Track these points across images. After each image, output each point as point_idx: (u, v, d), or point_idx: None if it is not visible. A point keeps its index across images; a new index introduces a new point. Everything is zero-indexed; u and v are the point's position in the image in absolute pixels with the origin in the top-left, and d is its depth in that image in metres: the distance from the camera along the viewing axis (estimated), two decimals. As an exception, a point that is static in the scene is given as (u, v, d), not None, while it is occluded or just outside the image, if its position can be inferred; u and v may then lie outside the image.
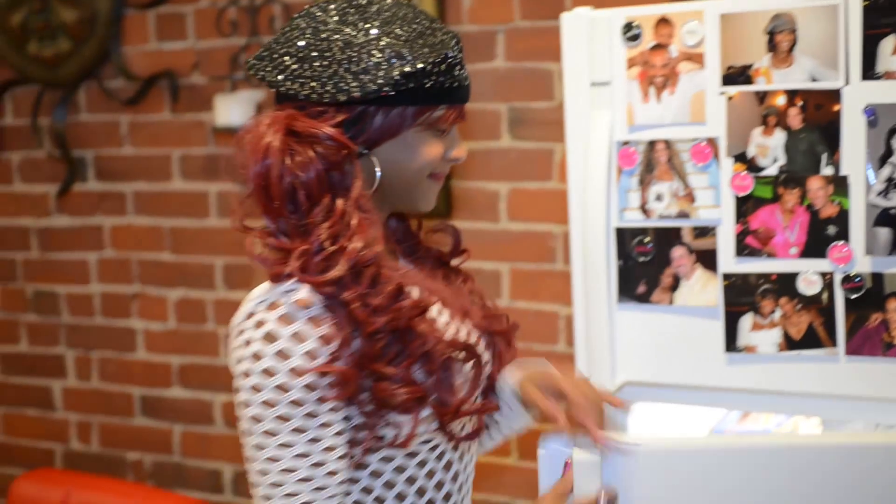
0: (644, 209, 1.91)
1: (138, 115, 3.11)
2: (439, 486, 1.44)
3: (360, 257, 1.33)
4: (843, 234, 1.76)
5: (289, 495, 1.29)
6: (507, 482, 2.76)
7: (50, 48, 3.15)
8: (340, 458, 1.31)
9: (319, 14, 1.39)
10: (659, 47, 1.86)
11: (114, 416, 3.24)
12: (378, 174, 1.41)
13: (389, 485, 1.39)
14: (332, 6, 1.40)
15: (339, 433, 1.31)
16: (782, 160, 1.79)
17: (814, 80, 1.75)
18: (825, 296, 1.78)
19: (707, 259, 1.86)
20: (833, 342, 1.79)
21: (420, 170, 1.44)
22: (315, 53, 1.36)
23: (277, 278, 1.32)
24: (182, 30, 3.03)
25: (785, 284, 1.81)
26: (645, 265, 1.91)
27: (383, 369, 1.32)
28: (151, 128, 3.10)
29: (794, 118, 1.78)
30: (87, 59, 3.12)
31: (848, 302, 1.77)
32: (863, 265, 1.76)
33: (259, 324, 1.30)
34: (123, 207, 3.16)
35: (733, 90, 1.81)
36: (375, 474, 1.38)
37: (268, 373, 1.27)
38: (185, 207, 3.07)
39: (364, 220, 1.36)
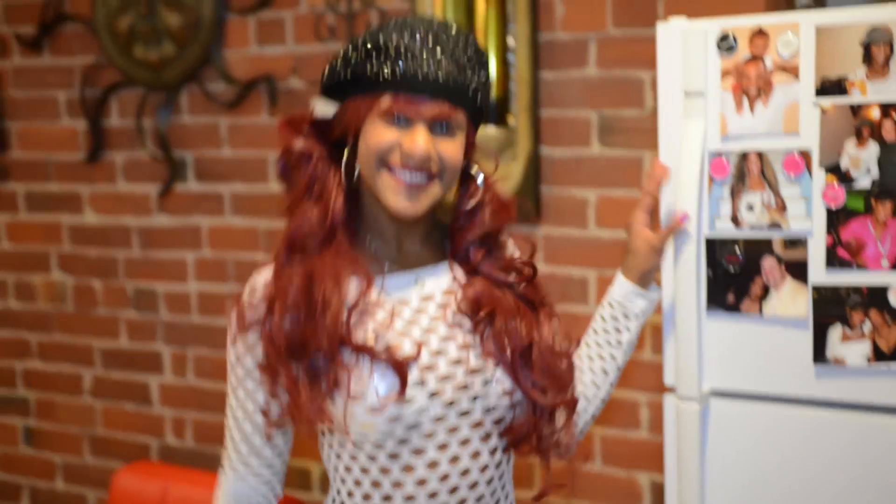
0: (735, 219, 1.91)
1: (237, 118, 3.19)
2: (421, 483, 1.51)
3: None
4: (938, 248, 1.75)
5: None
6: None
7: (155, 52, 3.25)
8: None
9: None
10: (754, 58, 1.87)
11: (207, 412, 3.32)
12: (357, 168, 1.53)
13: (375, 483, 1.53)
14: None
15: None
16: (875, 173, 1.79)
17: (910, 92, 1.74)
18: (918, 309, 1.77)
19: (797, 270, 1.86)
20: (925, 356, 1.78)
21: (371, 157, 1.49)
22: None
23: None
24: (281, 35, 3.10)
25: (875, 297, 1.80)
26: (735, 275, 1.92)
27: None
28: (250, 130, 3.18)
29: (889, 131, 1.77)
30: (189, 63, 3.21)
31: (941, 316, 1.76)
32: (957, 279, 1.74)
33: None
34: (221, 208, 3.24)
35: (827, 102, 1.81)
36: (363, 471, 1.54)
37: None
38: (280, 209, 3.14)
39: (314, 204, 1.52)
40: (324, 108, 1.57)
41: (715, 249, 1.93)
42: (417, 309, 1.55)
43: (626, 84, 2.64)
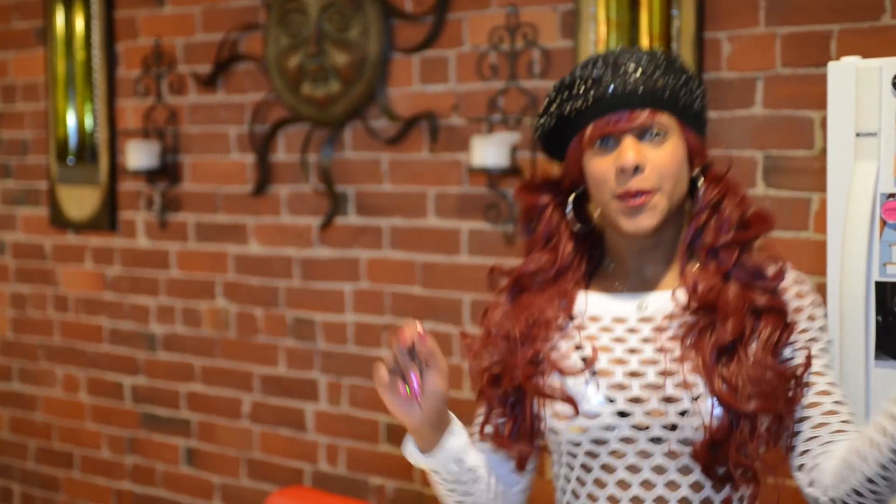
0: (907, 264, 1.85)
1: (398, 154, 3.26)
2: (613, 500, 1.55)
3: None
4: None
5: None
6: None
7: (321, 89, 3.34)
8: None
9: None
10: (930, 98, 1.81)
11: (360, 441, 3.37)
12: (593, 209, 1.63)
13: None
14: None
15: None
16: None
17: None
18: None
19: (975, 318, 1.79)
20: None
21: (598, 191, 1.57)
22: None
23: None
24: (444, 73, 3.16)
25: None
26: (906, 322, 1.85)
27: None
28: (410, 166, 3.24)
29: None
30: (354, 100, 3.29)
31: None
32: None
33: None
34: (380, 241, 3.30)
35: None
36: None
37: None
38: (437, 244, 3.19)
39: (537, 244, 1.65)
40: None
41: (885, 295, 1.87)
42: (631, 328, 1.59)
43: (794, 124, 2.58)
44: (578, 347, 1.59)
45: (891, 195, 1.87)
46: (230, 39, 3.57)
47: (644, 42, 2.77)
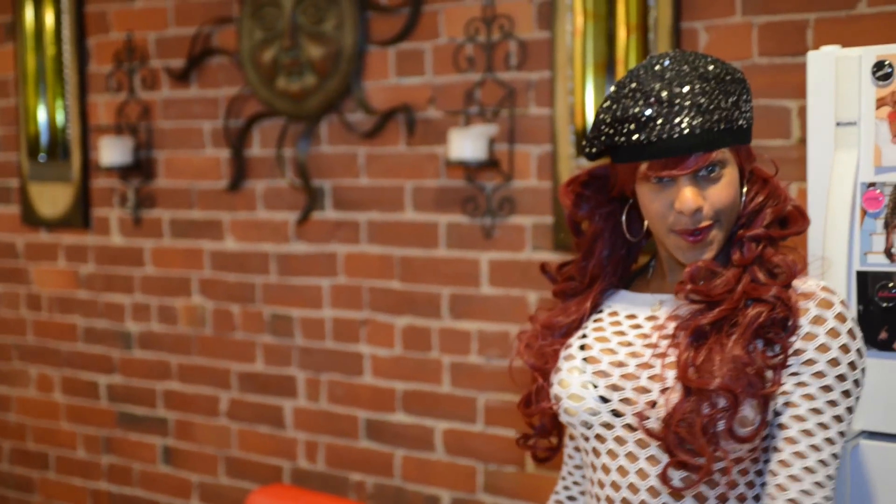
0: (889, 253, 1.84)
1: (375, 148, 3.23)
2: (600, 485, 1.60)
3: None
4: None
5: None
6: None
7: (297, 83, 3.32)
8: None
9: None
10: (911, 86, 1.81)
11: (340, 437, 3.35)
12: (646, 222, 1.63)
13: None
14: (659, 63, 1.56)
15: None
16: None
17: None
18: None
19: (957, 307, 1.79)
20: None
21: (653, 222, 1.58)
22: None
23: None
24: (420, 65, 3.14)
25: None
26: (888, 311, 1.85)
27: None
28: (387, 160, 3.21)
29: None
30: (330, 94, 3.27)
31: None
32: None
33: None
34: (357, 236, 3.28)
35: None
36: None
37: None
38: (415, 237, 3.17)
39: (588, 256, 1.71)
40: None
41: (867, 284, 1.87)
42: (636, 324, 1.63)
43: (771, 113, 2.58)
44: (584, 336, 1.65)
45: (871, 184, 1.87)
46: (203, 33, 3.54)
47: (621, 33, 2.76)
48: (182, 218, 3.66)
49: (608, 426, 1.58)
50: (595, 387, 1.58)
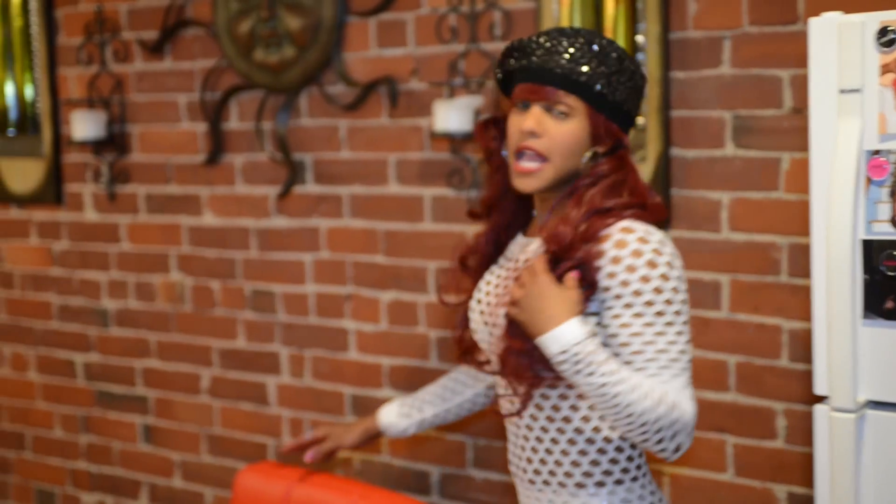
0: (894, 221, 1.83)
1: (357, 120, 3.18)
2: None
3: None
4: None
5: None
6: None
7: (275, 55, 3.25)
8: None
9: None
10: (919, 53, 1.79)
11: (325, 413, 3.32)
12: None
13: None
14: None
15: None
16: None
17: None
18: None
19: (965, 275, 1.78)
20: None
21: (509, 147, 1.87)
22: None
23: None
24: (402, 36, 3.09)
25: None
26: (893, 280, 1.84)
27: None
28: (369, 132, 3.17)
29: None
30: (309, 66, 3.21)
31: None
32: None
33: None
34: (340, 210, 3.24)
35: None
36: None
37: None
38: (399, 211, 3.13)
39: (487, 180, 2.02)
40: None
41: (872, 253, 1.86)
42: (512, 267, 1.92)
43: (762, 83, 2.56)
44: (485, 279, 1.99)
45: (876, 152, 1.85)
46: (177, 4, 3.46)
47: (608, 3, 2.72)
48: (158, 193, 3.59)
49: (483, 342, 1.97)
50: (482, 313, 1.94)
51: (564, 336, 1.67)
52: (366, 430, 2.39)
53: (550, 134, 1.80)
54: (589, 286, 1.73)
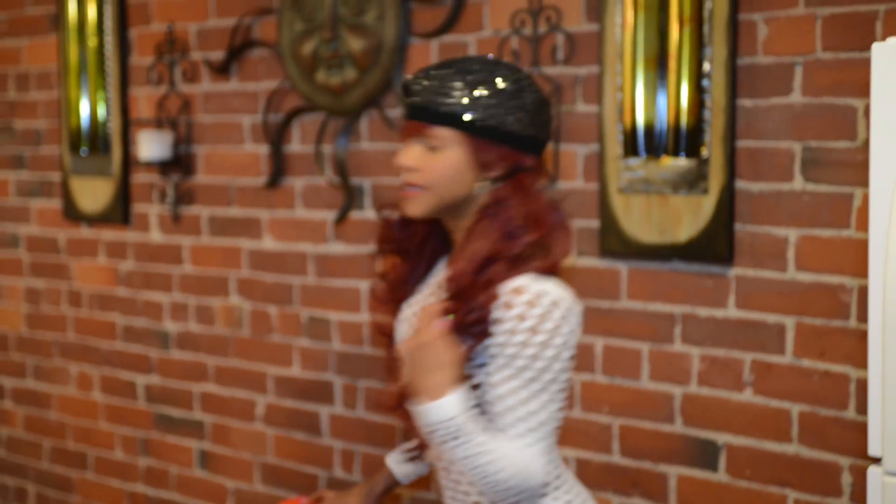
0: (959, 267, 1.65)
1: (416, 145, 3.09)
2: None
3: None
4: None
5: None
6: None
7: (337, 77, 3.18)
8: None
9: None
10: None
11: (377, 446, 3.21)
12: None
13: None
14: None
15: None
16: None
17: None
18: None
19: None
20: None
21: None
22: None
23: None
24: (463, 60, 2.99)
25: None
26: (957, 332, 1.66)
27: None
28: (428, 158, 3.07)
29: None
30: (370, 88, 3.13)
31: None
32: None
33: None
34: (397, 237, 3.14)
35: None
36: None
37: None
38: (456, 240, 3.02)
39: None
40: None
41: (934, 302, 1.68)
42: (428, 292, 1.91)
43: (835, 113, 2.39)
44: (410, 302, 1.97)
45: (941, 191, 1.68)
46: (244, 24, 3.42)
47: (673, 26, 2.58)
48: (221, 215, 3.55)
49: None
50: (400, 330, 1.95)
51: (441, 409, 1.68)
52: (371, 489, 2.14)
53: (427, 167, 1.80)
54: (478, 335, 1.74)
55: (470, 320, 1.72)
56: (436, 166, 1.79)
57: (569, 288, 1.82)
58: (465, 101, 1.76)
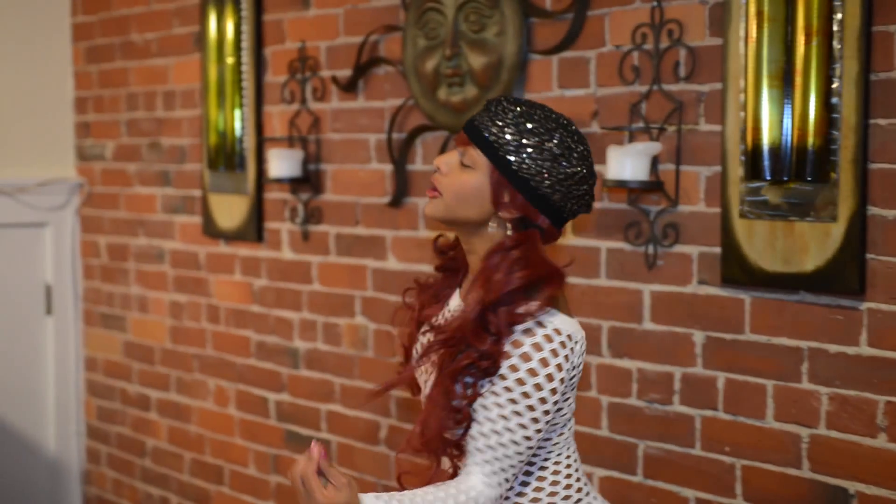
0: None
1: (536, 165, 2.98)
2: None
3: None
4: None
5: None
6: None
7: (458, 95, 3.10)
8: None
9: None
10: None
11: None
12: None
13: None
14: None
15: None
16: None
17: None
18: None
19: None
20: None
21: None
22: None
23: None
24: (584, 76, 2.86)
25: None
26: None
27: None
28: (548, 179, 2.95)
29: None
30: (490, 107, 3.03)
31: None
32: None
33: None
34: (516, 260, 3.03)
35: None
36: None
37: None
38: (577, 265, 2.89)
39: None
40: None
41: None
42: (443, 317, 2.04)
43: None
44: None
45: None
46: (370, 42, 3.38)
47: (800, 40, 2.38)
48: (347, 234, 3.52)
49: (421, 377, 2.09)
50: (417, 351, 2.07)
51: None
52: None
53: (451, 175, 1.93)
54: (484, 373, 1.84)
55: (484, 365, 1.82)
56: (459, 180, 1.92)
57: (572, 316, 1.93)
58: (510, 140, 1.87)
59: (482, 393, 1.83)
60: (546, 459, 1.97)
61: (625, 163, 2.64)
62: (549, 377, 1.82)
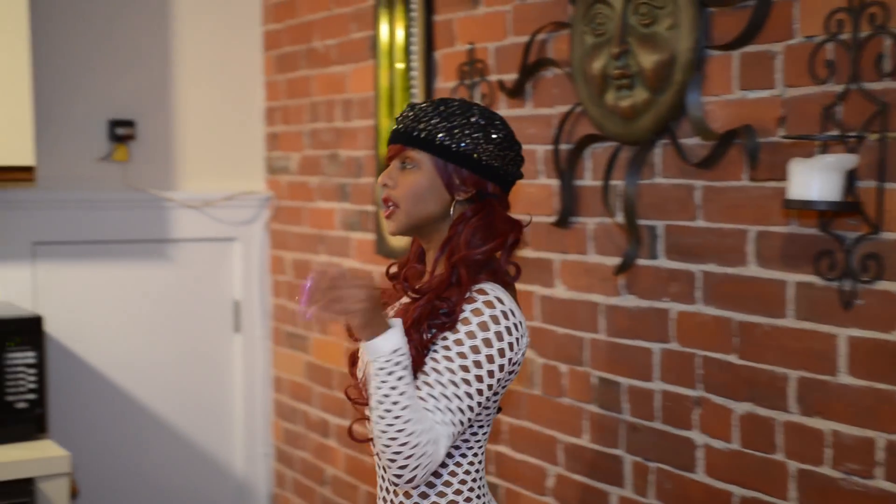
0: None
1: (713, 181, 2.51)
2: None
3: None
4: None
5: None
6: None
7: (626, 99, 2.68)
8: None
9: None
10: None
11: (668, 541, 2.67)
12: None
13: None
14: None
15: None
16: None
17: None
18: None
19: None
20: None
21: None
22: None
23: None
24: (769, 74, 2.37)
25: None
26: None
27: None
28: (727, 197, 2.48)
29: None
30: (661, 112, 2.59)
31: None
32: None
33: None
34: (691, 292, 2.58)
35: None
36: None
37: None
38: (757, 300, 2.41)
39: None
40: None
41: None
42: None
43: None
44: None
45: None
46: (537, 41, 3.00)
47: None
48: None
49: None
50: None
51: (389, 341, 1.82)
52: None
53: (399, 184, 2.04)
54: (442, 326, 1.94)
55: (440, 309, 1.93)
56: (407, 182, 2.03)
57: (519, 305, 2.01)
58: (440, 128, 2.01)
59: (436, 346, 1.92)
60: (458, 465, 2.01)
61: (812, 179, 2.15)
62: (499, 335, 1.92)
